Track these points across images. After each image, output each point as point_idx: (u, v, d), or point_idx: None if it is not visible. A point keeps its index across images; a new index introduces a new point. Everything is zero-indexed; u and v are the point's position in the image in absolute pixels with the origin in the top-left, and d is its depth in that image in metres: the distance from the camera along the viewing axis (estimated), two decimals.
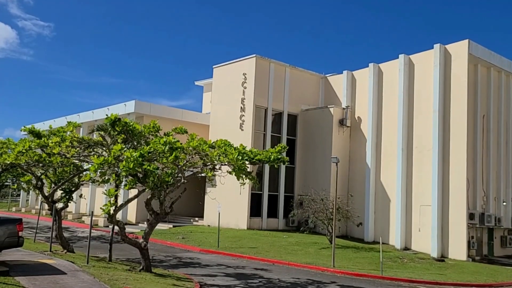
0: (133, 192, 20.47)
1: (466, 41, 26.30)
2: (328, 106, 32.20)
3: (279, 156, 13.70)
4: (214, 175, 14.57)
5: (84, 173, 18.62)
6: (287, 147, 15.42)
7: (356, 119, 31.74)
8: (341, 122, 31.48)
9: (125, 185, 14.40)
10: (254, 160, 13.67)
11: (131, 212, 33.80)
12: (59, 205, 19.24)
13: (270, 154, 13.59)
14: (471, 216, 25.44)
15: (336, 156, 21.20)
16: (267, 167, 30.89)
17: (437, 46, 27.02)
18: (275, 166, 14.75)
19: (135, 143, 15.20)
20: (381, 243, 19.53)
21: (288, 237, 27.40)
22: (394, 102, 29.03)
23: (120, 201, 20.71)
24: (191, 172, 15.51)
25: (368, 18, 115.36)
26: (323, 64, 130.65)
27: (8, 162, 16.27)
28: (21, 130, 17.88)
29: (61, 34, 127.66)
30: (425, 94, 27.56)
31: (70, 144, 15.33)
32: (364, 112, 31.13)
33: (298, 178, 32.90)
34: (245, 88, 31.52)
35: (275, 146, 14.69)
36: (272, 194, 31.92)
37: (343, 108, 31.97)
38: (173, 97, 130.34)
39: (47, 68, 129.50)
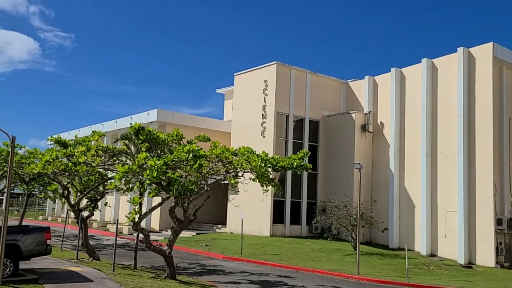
0: (157, 200, 20.71)
1: (491, 43, 25.85)
2: (350, 112, 32.02)
3: (302, 163, 13.68)
4: (237, 182, 14.62)
5: (109, 181, 18.94)
6: (309, 153, 15.39)
7: (379, 124, 31.46)
8: (363, 128, 31.24)
9: (149, 193, 14.60)
10: (277, 167, 13.69)
11: (155, 219, 34.11)
12: (85, 213, 19.57)
13: (293, 161, 13.59)
14: (498, 222, 24.87)
15: (359, 162, 21.02)
16: (289, 174, 30.82)
17: (460, 49, 26.65)
18: (298, 172, 14.72)
19: (159, 152, 15.38)
20: (406, 249, 19.24)
21: (312, 243, 27.25)
22: (417, 106, 28.69)
23: (144, 209, 20.92)
24: (214, 180, 15.60)
25: (388, 23, 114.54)
26: (344, 70, 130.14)
27: (36, 172, 16.67)
28: (47, 140, 18.30)
29: (82, 44, 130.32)
30: (449, 98, 27.17)
31: (95, 153, 15.62)
32: (386, 117, 30.85)
33: (321, 184, 32.73)
34: (266, 95, 31.60)
35: (297, 153, 14.69)
36: (295, 201, 31.81)
37: (365, 114, 31.74)
38: (195, 105, 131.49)
39: (69, 78, 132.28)
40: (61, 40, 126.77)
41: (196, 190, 13.86)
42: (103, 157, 16.11)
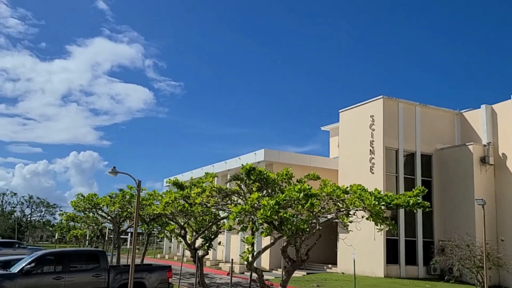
0: (267, 239, 20.85)
1: None
2: (467, 144, 29.98)
3: (419, 201, 12.95)
4: (351, 222, 14.23)
5: (222, 221, 19.53)
6: (426, 190, 14.55)
7: (501, 156, 29.00)
8: (483, 160, 29.00)
9: (262, 232, 14.74)
10: (391, 205, 13.11)
11: (265, 258, 34.26)
12: (200, 252, 20.29)
13: (408, 198, 12.92)
14: None
15: (482, 198, 19.43)
16: (402, 211, 29.39)
17: None
18: (414, 211, 13.96)
19: (270, 191, 15.58)
20: None
21: (431, 286, 25.38)
22: None
23: (256, 248, 21.16)
24: (326, 219, 15.35)
25: (498, 49, 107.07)
26: (454, 101, 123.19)
27: (157, 212, 17.77)
28: (166, 182, 19.51)
29: (190, 91, 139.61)
30: None
31: (209, 194, 16.25)
32: (509, 148, 28.40)
33: (437, 222, 30.68)
34: (373, 130, 30.87)
35: (413, 189, 13.96)
36: (409, 240, 30.09)
37: (484, 145, 29.51)
38: (299, 143, 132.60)
39: (180, 123, 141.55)
40: (172, 88, 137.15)
41: (308, 229, 13.72)
42: (216, 198, 16.70)
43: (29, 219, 77.85)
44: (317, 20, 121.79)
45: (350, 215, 14.55)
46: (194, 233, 20.15)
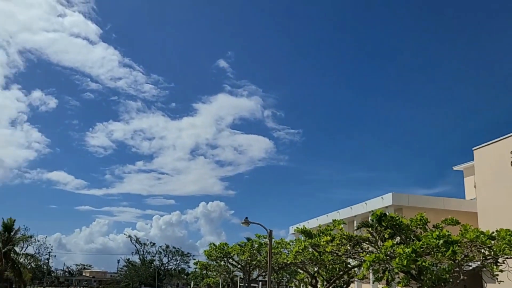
0: None
1: None
2: None
3: None
4: (501, 271, 12.83)
5: (353, 269, 18.85)
6: None
7: None
8: None
9: (398, 282, 13.91)
10: None
11: None
12: None
13: None
14: None
15: None
16: None
17: None
18: None
19: (404, 238, 14.77)
20: None
21: None
22: None
23: None
24: (470, 267, 14.05)
25: None
26: None
27: (287, 261, 17.77)
28: (294, 230, 19.53)
29: (309, 138, 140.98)
30: None
31: (340, 242, 15.88)
32: None
33: None
34: None
35: None
36: None
37: None
38: (428, 185, 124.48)
39: (301, 170, 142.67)
40: (291, 136, 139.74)
41: (450, 279, 12.65)
42: (347, 245, 16.25)
43: (166, 267, 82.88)
44: (440, 54, 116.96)
45: (499, 264, 13.16)
46: (325, 282, 19.70)
